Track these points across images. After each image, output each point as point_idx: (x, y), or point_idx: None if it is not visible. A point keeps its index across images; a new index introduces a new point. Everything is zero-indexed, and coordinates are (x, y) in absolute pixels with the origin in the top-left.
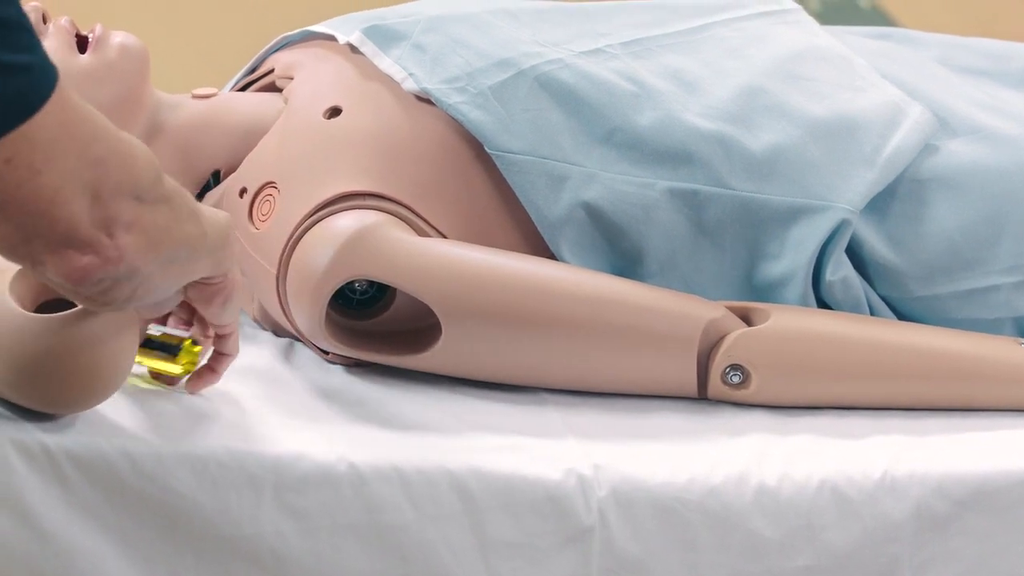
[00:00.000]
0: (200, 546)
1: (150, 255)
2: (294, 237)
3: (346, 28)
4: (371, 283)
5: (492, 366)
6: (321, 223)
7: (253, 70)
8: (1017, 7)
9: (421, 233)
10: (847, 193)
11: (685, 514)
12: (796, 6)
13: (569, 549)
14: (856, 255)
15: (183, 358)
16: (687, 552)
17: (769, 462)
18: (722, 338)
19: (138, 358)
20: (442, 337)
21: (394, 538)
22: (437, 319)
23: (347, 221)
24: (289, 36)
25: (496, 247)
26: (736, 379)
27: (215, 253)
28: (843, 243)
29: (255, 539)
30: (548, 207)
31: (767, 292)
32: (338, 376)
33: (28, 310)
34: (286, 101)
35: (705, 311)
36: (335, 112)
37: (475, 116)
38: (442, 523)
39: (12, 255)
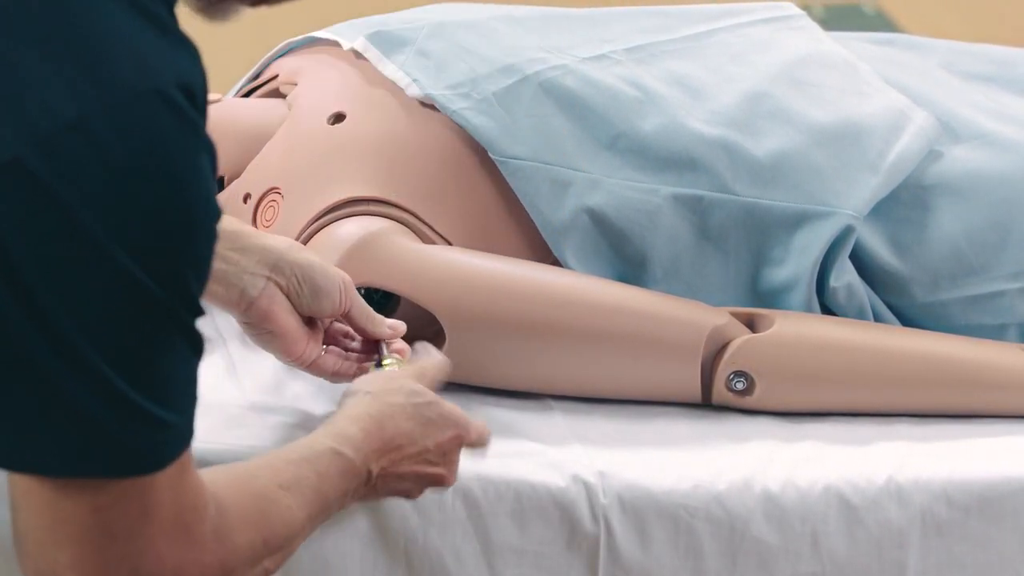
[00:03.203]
0: None
1: None
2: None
3: (350, 34)
4: (376, 289)
5: (497, 373)
6: (325, 229)
7: (257, 76)
8: (1022, 13)
9: (426, 239)
10: (851, 199)
11: (690, 521)
12: (800, 12)
13: (574, 555)
14: (860, 261)
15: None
16: (691, 559)
17: (774, 468)
18: (726, 345)
19: None
20: (446, 345)
21: (400, 544)
22: (442, 326)
23: (351, 228)
24: (293, 42)
25: (500, 253)
26: (740, 386)
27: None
28: (847, 249)
29: None
30: (552, 213)
31: (771, 298)
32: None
33: None
34: (290, 107)
35: (709, 318)
36: (339, 118)
37: (479, 122)
38: (447, 529)
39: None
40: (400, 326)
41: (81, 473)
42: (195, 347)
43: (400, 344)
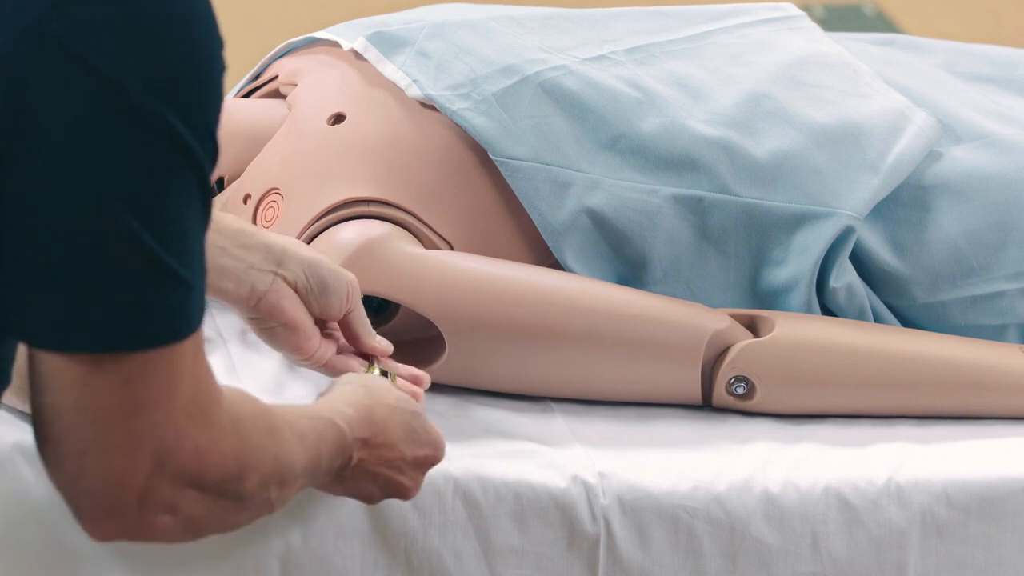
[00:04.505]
0: (206, 553)
1: (184, 537)
2: None
3: (350, 34)
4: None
5: (497, 378)
6: (326, 233)
7: (257, 76)
8: (1022, 13)
9: (425, 239)
10: (851, 199)
11: (690, 522)
12: (800, 12)
13: (574, 556)
14: (860, 261)
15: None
16: (691, 559)
17: (774, 470)
18: (727, 349)
19: None
20: (446, 352)
21: (400, 544)
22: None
23: (351, 234)
24: (293, 42)
25: (500, 253)
26: (741, 390)
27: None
28: (847, 249)
29: (262, 547)
30: (552, 213)
31: (771, 298)
32: None
33: None
34: (290, 107)
35: (710, 322)
36: (339, 119)
37: (479, 122)
38: (447, 530)
39: (55, 473)
40: (388, 347)
41: (116, 346)
42: (206, 211)
43: (389, 361)
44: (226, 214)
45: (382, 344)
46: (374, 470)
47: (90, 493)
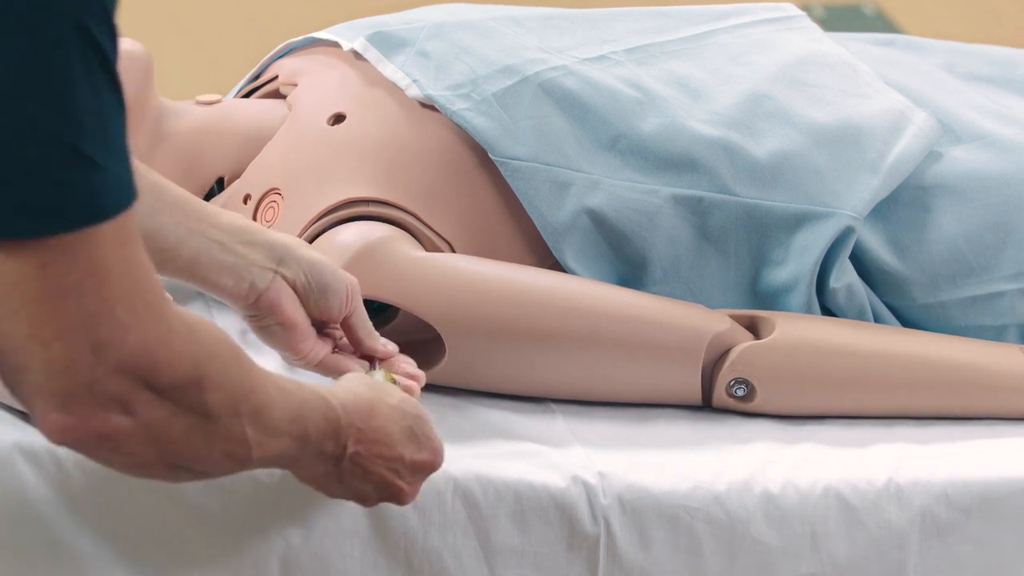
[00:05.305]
0: (207, 553)
1: (150, 449)
2: None
3: (350, 35)
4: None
5: (497, 380)
6: (326, 235)
7: (257, 76)
8: (1022, 13)
9: (425, 239)
10: (851, 200)
11: (690, 522)
12: (800, 12)
13: (574, 557)
14: (860, 262)
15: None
16: (692, 560)
17: (774, 470)
18: (727, 351)
19: None
20: (447, 355)
21: (400, 544)
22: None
23: (351, 237)
24: (293, 42)
25: (500, 253)
26: (741, 392)
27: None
28: (847, 250)
29: (262, 546)
30: (552, 214)
31: (771, 299)
32: None
33: None
34: (290, 107)
35: (710, 324)
36: (339, 119)
37: (479, 123)
38: (447, 530)
39: (4, 376)
40: (393, 348)
41: (22, 231)
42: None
43: (390, 362)
44: (230, 212)
45: (386, 346)
46: (369, 467)
47: (36, 385)
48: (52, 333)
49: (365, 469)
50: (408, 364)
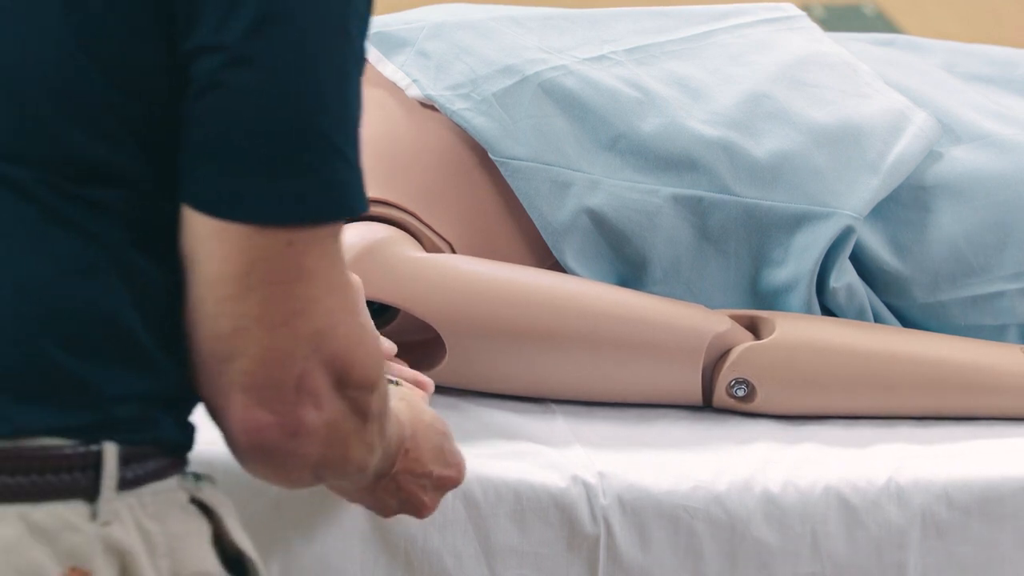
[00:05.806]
0: None
1: (318, 451)
2: None
3: None
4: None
5: (498, 381)
6: None
7: None
8: (1022, 13)
9: (425, 239)
10: (851, 200)
11: (690, 522)
12: (800, 12)
13: (574, 556)
14: (860, 262)
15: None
16: (692, 560)
17: (774, 470)
18: (727, 352)
19: None
20: (447, 355)
21: (400, 545)
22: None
23: (352, 238)
24: None
25: (500, 253)
26: (741, 392)
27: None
28: (847, 250)
29: (261, 548)
30: (552, 214)
31: (771, 298)
32: None
33: None
34: None
35: (711, 324)
36: None
37: (479, 123)
38: (447, 530)
39: (204, 370)
40: (392, 349)
41: (297, 219)
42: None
43: (393, 367)
44: None
45: (385, 346)
46: (403, 484)
47: (244, 374)
48: (281, 317)
49: (398, 485)
50: (414, 374)
